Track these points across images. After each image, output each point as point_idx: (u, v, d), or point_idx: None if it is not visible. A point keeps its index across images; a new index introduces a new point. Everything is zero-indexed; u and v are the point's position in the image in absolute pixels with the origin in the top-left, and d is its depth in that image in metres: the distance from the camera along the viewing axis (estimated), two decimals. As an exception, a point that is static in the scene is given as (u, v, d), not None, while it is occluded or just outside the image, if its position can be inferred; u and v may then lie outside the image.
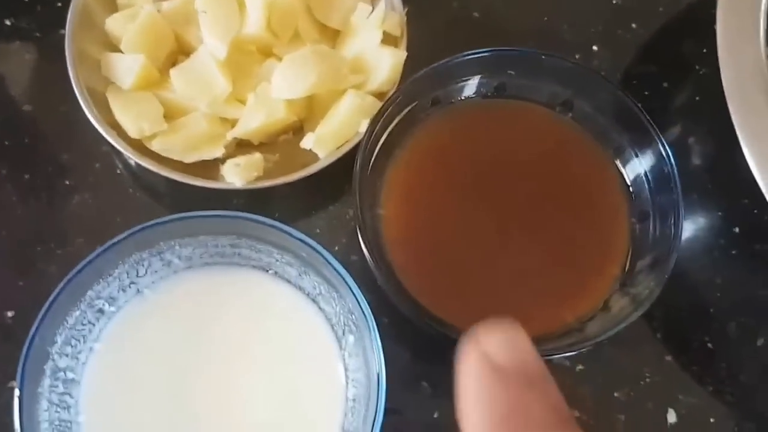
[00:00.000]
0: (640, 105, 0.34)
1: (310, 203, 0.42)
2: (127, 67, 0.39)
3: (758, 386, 0.40)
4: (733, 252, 0.42)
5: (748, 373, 0.40)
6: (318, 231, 0.42)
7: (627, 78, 0.45)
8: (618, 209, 0.35)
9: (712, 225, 0.43)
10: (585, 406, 0.39)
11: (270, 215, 0.42)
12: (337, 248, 0.41)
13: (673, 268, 0.41)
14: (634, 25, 0.46)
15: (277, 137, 0.41)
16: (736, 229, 0.42)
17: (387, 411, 0.39)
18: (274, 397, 0.34)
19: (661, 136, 0.33)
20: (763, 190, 0.33)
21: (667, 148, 0.33)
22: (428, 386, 0.39)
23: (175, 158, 0.38)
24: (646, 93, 0.45)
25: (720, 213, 0.43)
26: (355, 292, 0.30)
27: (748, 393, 0.40)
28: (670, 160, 0.33)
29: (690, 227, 0.43)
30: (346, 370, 0.33)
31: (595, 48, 0.45)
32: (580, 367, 0.39)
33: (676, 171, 0.32)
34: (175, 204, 0.42)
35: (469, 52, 0.35)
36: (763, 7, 0.37)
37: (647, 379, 0.39)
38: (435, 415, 0.39)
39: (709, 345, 0.40)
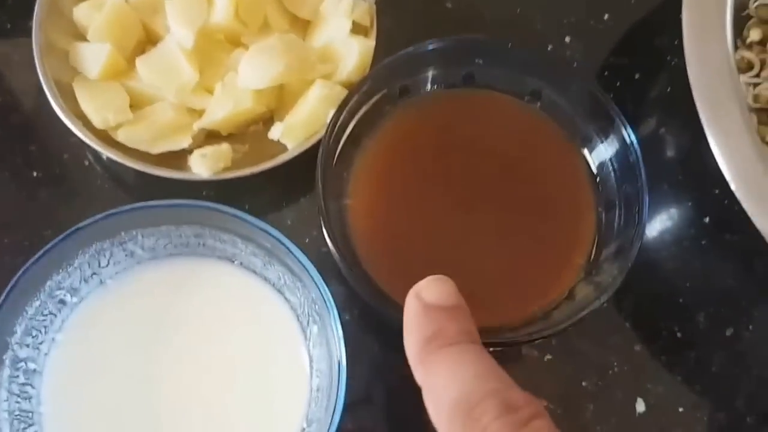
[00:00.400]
0: (605, 93, 0.34)
1: (281, 195, 0.42)
2: (93, 56, 0.38)
3: (727, 376, 0.40)
4: (703, 242, 0.42)
5: (717, 362, 0.40)
6: (289, 223, 0.42)
7: (599, 69, 0.45)
8: (585, 198, 0.35)
9: (682, 215, 0.43)
10: (553, 396, 0.39)
11: (240, 207, 0.42)
12: (308, 240, 0.41)
13: (643, 258, 0.41)
14: (606, 17, 0.46)
15: (247, 128, 0.41)
16: (707, 219, 0.42)
17: (357, 401, 0.39)
18: (240, 388, 0.34)
19: (626, 124, 0.33)
20: (730, 182, 0.33)
21: (632, 136, 0.33)
22: (398, 376, 0.39)
23: (142, 149, 0.38)
24: (618, 84, 0.45)
25: (690, 203, 0.43)
26: (317, 281, 0.30)
27: (717, 383, 0.40)
28: (635, 148, 0.32)
29: (660, 217, 0.43)
30: (311, 360, 0.33)
31: (567, 39, 0.45)
32: (548, 357, 0.39)
33: (640, 159, 0.32)
34: (144, 195, 0.41)
35: (436, 40, 0.35)
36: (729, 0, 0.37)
37: (616, 369, 0.39)
38: (405, 405, 0.39)
39: (679, 335, 0.40)
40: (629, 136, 0.33)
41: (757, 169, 0.33)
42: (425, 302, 0.25)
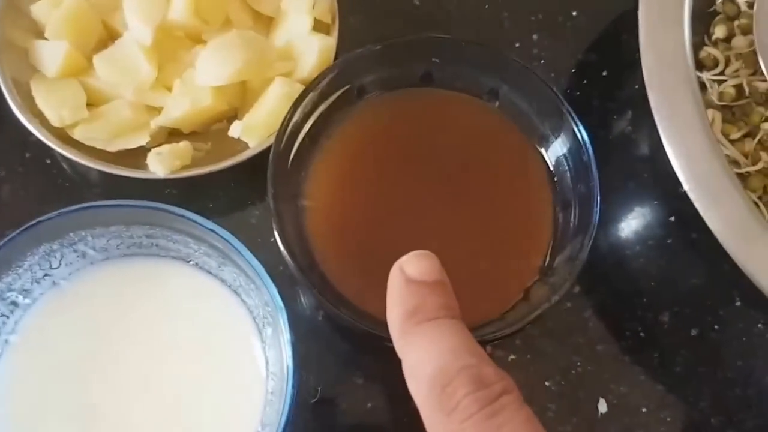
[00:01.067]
0: (557, 92, 0.33)
1: (246, 193, 0.42)
2: (51, 54, 0.38)
3: (691, 377, 0.40)
4: (669, 241, 0.42)
5: (681, 363, 0.40)
6: (254, 221, 0.41)
7: (566, 66, 0.44)
8: (542, 198, 0.35)
9: (648, 214, 0.42)
10: (516, 396, 0.39)
11: (204, 205, 0.42)
12: (272, 239, 0.41)
13: (607, 257, 0.42)
14: (575, 13, 0.46)
15: (210, 126, 0.41)
16: (672, 218, 0.42)
17: (320, 401, 0.39)
18: (197, 389, 0.33)
19: (578, 123, 0.33)
20: (682, 182, 0.33)
21: (584, 135, 0.33)
22: (361, 376, 0.39)
23: (99, 147, 0.38)
24: (586, 82, 0.44)
25: (656, 202, 0.43)
26: (266, 283, 0.30)
27: (680, 383, 0.39)
28: (586, 147, 0.32)
29: (625, 216, 0.42)
30: (267, 362, 0.33)
31: (535, 36, 0.45)
32: (512, 356, 0.39)
33: (593, 159, 0.32)
34: (106, 194, 0.41)
35: (391, 40, 0.34)
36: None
37: (579, 369, 0.39)
38: (368, 405, 0.39)
39: (642, 334, 0.40)
40: (581, 135, 0.33)
41: (712, 168, 0.32)
42: (407, 276, 0.25)
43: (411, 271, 0.25)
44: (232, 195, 0.41)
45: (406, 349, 0.24)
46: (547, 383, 0.39)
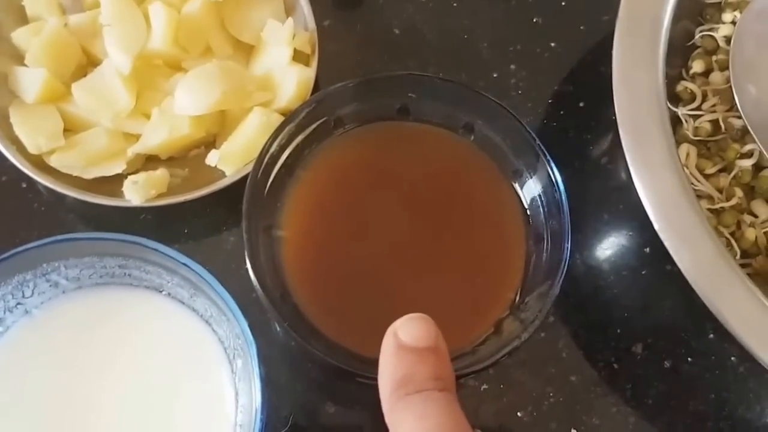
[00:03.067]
0: (531, 131, 0.34)
1: (221, 219, 0.42)
2: (30, 81, 0.38)
3: (663, 409, 0.40)
4: (643, 272, 0.42)
5: (653, 395, 0.40)
6: (229, 247, 0.41)
7: (543, 97, 0.45)
8: (516, 232, 0.35)
9: (623, 245, 0.43)
10: (488, 426, 0.39)
11: (179, 231, 0.42)
12: (246, 266, 0.41)
13: (582, 287, 0.42)
14: (553, 44, 0.46)
15: (187, 151, 0.41)
16: (647, 250, 0.43)
17: (291, 427, 0.39)
18: (166, 418, 0.33)
19: (551, 162, 0.33)
20: (650, 217, 0.33)
21: (556, 174, 0.33)
22: (332, 404, 0.39)
23: (75, 174, 0.38)
24: (562, 113, 0.45)
25: (631, 233, 0.43)
26: (237, 316, 0.30)
27: (652, 415, 0.40)
28: (558, 186, 0.33)
29: (600, 246, 0.43)
30: (236, 393, 0.33)
31: (513, 67, 0.45)
32: (485, 386, 0.40)
33: (564, 198, 0.32)
34: (82, 219, 0.41)
35: (368, 76, 0.35)
36: (663, 30, 0.37)
37: (551, 399, 0.39)
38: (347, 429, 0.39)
39: (615, 365, 0.40)
40: (554, 175, 0.33)
41: (682, 209, 0.33)
42: (400, 341, 0.25)
43: (404, 336, 0.25)
44: (207, 221, 0.42)
45: (394, 422, 0.24)
46: (519, 414, 0.39)
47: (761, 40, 0.40)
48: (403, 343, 0.25)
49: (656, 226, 0.33)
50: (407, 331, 0.25)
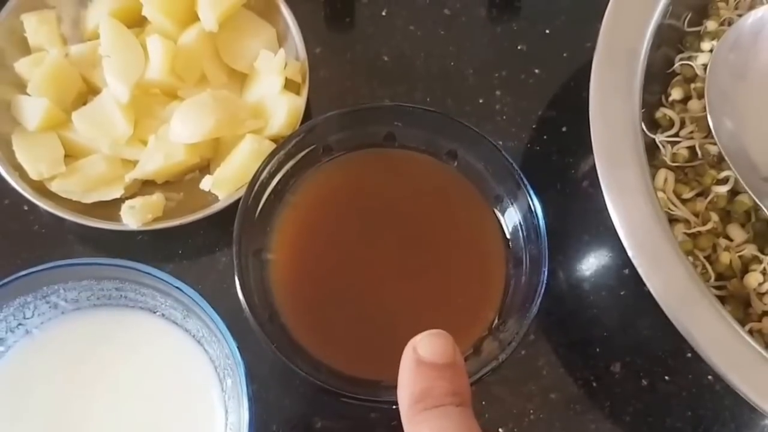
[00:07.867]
0: (510, 160, 0.35)
1: (213, 241, 0.43)
2: (32, 110, 0.40)
3: (641, 426, 0.41)
4: (622, 293, 0.44)
5: (631, 412, 0.41)
6: (220, 268, 0.43)
7: (527, 122, 0.46)
8: (496, 256, 0.37)
9: (602, 265, 0.44)
10: (471, 443, 0.40)
11: (173, 251, 0.43)
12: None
13: (562, 307, 0.43)
14: (537, 71, 0.48)
15: (183, 176, 0.42)
16: (626, 271, 0.44)
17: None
18: (160, 435, 0.35)
19: (530, 189, 0.35)
20: (624, 242, 0.34)
21: (535, 202, 0.34)
22: (320, 419, 0.41)
23: (75, 199, 0.39)
24: (545, 137, 0.46)
25: (611, 254, 0.44)
26: (227, 337, 0.32)
27: None
28: (537, 213, 0.34)
29: (580, 267, 0.44)
30: (226, 412, 0.35)
31: (498, 92, 0.47)
32: (468, 404, 0.41)
33: (542, 225, 0.34)
34: (81, 240, 0.43)
35: (356, 106, 0.36)
36: (641, 61, 0.39)
37: (531, 417, 0.41)
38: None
39: (594, 383, 0.42)
40: (533, 203, 0.34)
41: (653, 231, 0.34)
42: (419, 357, 0.25)
43: (423, 351, 0.25)
44: (200, 242, 0.43)
45: None
46: (500, 430, 0.41)
47: (735, 70, 0.41)
48: (422, 359, 0.25)
49: (629, 252, 0.34)
50: (426, 347, 0.26)
